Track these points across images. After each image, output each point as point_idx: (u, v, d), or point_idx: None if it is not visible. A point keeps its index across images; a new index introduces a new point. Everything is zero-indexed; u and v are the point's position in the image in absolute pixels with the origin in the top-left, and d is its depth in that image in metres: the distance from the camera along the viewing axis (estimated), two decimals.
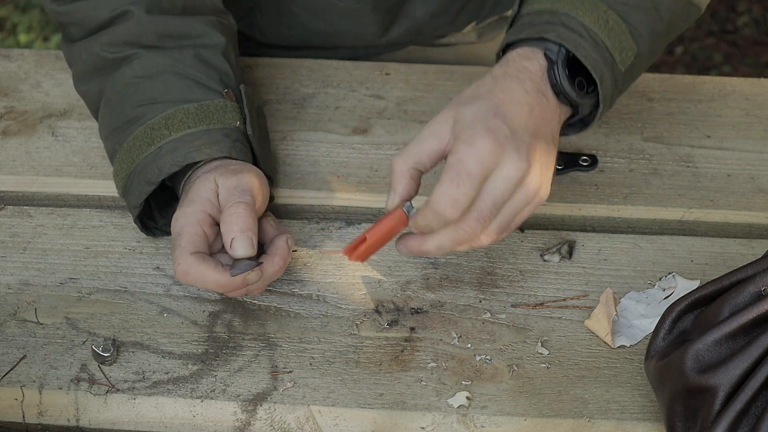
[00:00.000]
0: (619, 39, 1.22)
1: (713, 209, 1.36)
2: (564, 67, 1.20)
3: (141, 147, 1.27)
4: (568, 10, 1.22)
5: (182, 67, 1.30)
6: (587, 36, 1.21)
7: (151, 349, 1.19)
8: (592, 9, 1.22)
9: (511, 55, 1.22)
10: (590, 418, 1.12)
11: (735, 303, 1.03)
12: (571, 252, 1.30)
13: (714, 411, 1.00)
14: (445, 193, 1.11)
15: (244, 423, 1.14)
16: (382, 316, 1.23)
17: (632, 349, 1.19)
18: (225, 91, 1.31)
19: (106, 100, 1.32)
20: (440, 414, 1.13)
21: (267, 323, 1.22)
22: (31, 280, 1.27)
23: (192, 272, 1.17)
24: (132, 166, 1.27)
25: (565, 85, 1.20)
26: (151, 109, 1.28)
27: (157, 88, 1.29)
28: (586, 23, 1.21)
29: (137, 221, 1.29)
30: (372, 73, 1.56)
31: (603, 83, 1.21)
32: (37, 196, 1.39)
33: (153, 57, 1.31)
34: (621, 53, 1.23)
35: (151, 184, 1.25)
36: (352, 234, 1.33)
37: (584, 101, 1.22)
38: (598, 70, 1.21)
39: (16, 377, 1.16)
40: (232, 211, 1.18)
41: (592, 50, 1.21)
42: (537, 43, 1.21)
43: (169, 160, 1.24)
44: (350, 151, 1.44)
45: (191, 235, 1.18)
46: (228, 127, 1.28)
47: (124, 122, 1.29)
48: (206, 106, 1.28)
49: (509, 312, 1.23)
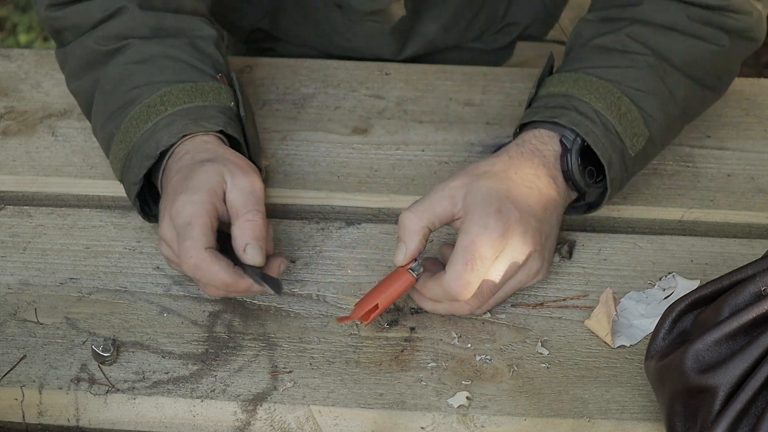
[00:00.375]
0: (631, 125, 1.25)
1: (713, 209, 1.36)
2: (577, 156, 1.23)
3: (138, 125, 1.27)
4: (582, 95, 1.25)
5: (176, 52, 1.32)
6: (599, 122, 1.24)
7: (151, 349, 1.19)
8: (606, 95, 1.25)
9: (527, 135, 1.25)
10: (590, 418, 1.12)
11: (735, 303, 1.03)
12: (571, 252, 1.30)
13: (714, 411, 1.00)
14: (460, 277, 1.15)
15: (244, 423, 1.14)
16: (381, 316, 1.23)
17: (632, 349, 1.19)
18: (218, 75, 1.32)
19: (101, 89, 1.32)
20: (440, 414, 1.13)
21: (267, 323, 1.22)
22: (31, 280, 1.27)
23: (204, 268, 1.16)
24: (130, 145, 1.27)
25: (575, 173, 1.23)
26: (146, 90, 1.29)
27: (152, 71, 1.30)
28: (599, 109, 1.24)
29: (136, 200, 1.28)
30: (372, 73, 1.56)
31: (611, 167, 1.24)
32: (37, 196, 1.39)
33: (147, 44, 1.32)
34: (632, 138, 1.25)
35: (150, 158, 1.25)
36: (351, 234, 1.33)
37: (592, 189, 1.26)
38: (607, 155, 1.24)
39: (16, 377, 1.16)
40: (249, 218, 1.19)
41: (603, 136, 1.23)
42: (554, 127, 1.25)
43: (166, 133, 1.25)
44: (350, 151, 1.44)
45: (203, 227, 1.17)
46: (223, 105, 1.29)
47: (120, 106, 1.29)
48: (201, 85, 1.30)
49: (509, 312, 1.23)
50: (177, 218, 1.18)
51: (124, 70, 1.31)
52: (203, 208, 1.18)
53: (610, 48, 1.28)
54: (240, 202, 1.20)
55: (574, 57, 1.31)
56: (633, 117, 1.25)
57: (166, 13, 1.34)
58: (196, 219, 1.17)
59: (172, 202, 1.19)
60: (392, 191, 1.38)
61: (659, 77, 1.27)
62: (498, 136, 1.46)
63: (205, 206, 1.18)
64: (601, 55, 1.28)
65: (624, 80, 1.26)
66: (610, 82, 1.25)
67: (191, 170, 1.22)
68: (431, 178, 1.40)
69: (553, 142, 1.24)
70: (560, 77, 1.28)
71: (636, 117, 1.25)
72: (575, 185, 1.25)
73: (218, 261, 1.17)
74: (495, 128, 1.47)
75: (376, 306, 1.17)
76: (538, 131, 1.25)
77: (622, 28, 1.29)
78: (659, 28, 1.28)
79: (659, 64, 1.27)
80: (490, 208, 1.16)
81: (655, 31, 1.28)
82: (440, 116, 1.49)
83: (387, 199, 1.37)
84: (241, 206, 1.19)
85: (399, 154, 1.43)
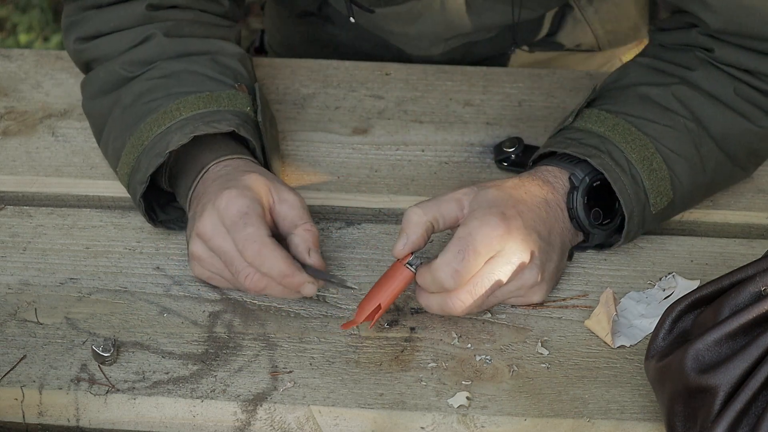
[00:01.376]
0: (658, 183, 1.25)
1: (713, 209, 1.36)
2: (583, 196, 1.24)
3: (151, 130, 1.28)
4: (618, 142, 1.25)
5: (197, 67, 1.33)
6: (628, 171, 1.24)
7: (151, 349, 1.19)
8: (641, 148, 1.25)
9: (540, 168, 1.27)
10: (590, 418, 1.12)
11: (735, 303, 1.03)
12: (571, 255, 1.29)
13: (714, 411, 1.00)
14: (449, 264, 1.15)
15: (244, 423, 1.14)
16: (382, 316, 1.22)
17: (632, 349, 1.19)
18: (237, 84, 1.33)
19: (120, 104, 1.33)
20: (440, 414, 1.13)
21: (267, 323, 1.22)
22: (31, 280, 1.27)
23: (266, 254, 1.17)
24: (140, 148, 1.28)
25: (579, 211, 1.24)
26: (164, 101, 1.30)
27: (171, 84, 1.32)
28: (632, 159, 1.25)
29: (141, 201, 1.28)
30: (372, 73, 1.56)
31: (631, 220, 1.25)
32: (37, 196, 1.39)
33: (171, 63, 1.34)
34: (657, 196, 1.26)
35: (159, 156, 1.25)
36: (351, 234, 1.33)
37: (596, 231, 1.26)
38: (629, 207, 1.24)
39: (16, 377, 1.16)
40: (308, 228, 1.21)
41: (630, 186, 1.24)
42: (566, 165, 1.25)
43: (177, 134, 1.26)
44: (350, 151, 1.44)
45: (261, 218, 1.19)
46: (237, 110, 1.30)
47: (137, 117, 1.31)
48: (217, 94, 1.31)
49: (509, 312, 1.23)
50: (229, 209, 1.18)
51: (146, 85, 1.32)
52: (257, 203, 1.20)
53: (654, 101, 1.28)
54: (295, 214, 1.22)
55: (617, 97, 1.30)
56: (662, 176, 1.25)
57: (193, 38, 1.36)
58: (253, 209, 1.18)
59: (217, 196, 1.19)
60: (392, 191, 1.38)
61: (694, 143, 1.27)
62: (498, 136, 1.46)
63: (260, 201, 1.20)
64: (644, 105, 1.28)
65: (661, 138, 1.26)
66: (647, 137, 1.26)
67: (232, 177, 1.23)
68: (431, 178, 1.40)
69: (563, 179, 1.25)
70: (600, 116, 1.28)
71: (665, 176, 1.26)
72: (579, 225, 1.25)
73: (280, 249, 1.18)
74: (495, 128, 1.47)
75: (379, 306, 1.17)
76: (551, 168, 1.26)
77: (670, 84, 1.29)
78: (706, 95, 1.28)
79: (697, 130, 1.27)
80: (495, 209, 1.17)
81: (701, 97, 1.28)
82: (440, 116, 1.49)
83: (387, 200, 1.37)
84: (297, 217, 1.22)
85: (399, 154, 1.44)
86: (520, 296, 1.21)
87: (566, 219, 1.24)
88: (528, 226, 1.18)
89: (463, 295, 1.16)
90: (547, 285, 1.21)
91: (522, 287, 1.19)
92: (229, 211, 1.18)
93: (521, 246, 1.17)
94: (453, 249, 1.15)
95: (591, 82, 1.49)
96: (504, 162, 1.41)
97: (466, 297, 1.17)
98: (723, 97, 1.28)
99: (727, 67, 1.28)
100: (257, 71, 1.55)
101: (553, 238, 1.21)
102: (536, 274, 1.19)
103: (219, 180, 1.23)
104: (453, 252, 1.15)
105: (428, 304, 1.19)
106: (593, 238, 1.27)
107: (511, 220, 1.17)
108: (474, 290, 1.16)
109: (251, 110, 1.32)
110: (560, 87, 1.53)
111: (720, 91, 1.28)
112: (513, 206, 1.18)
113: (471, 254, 1.15)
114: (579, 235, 1.27)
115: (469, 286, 1.16)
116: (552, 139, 1.29)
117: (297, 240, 1.21)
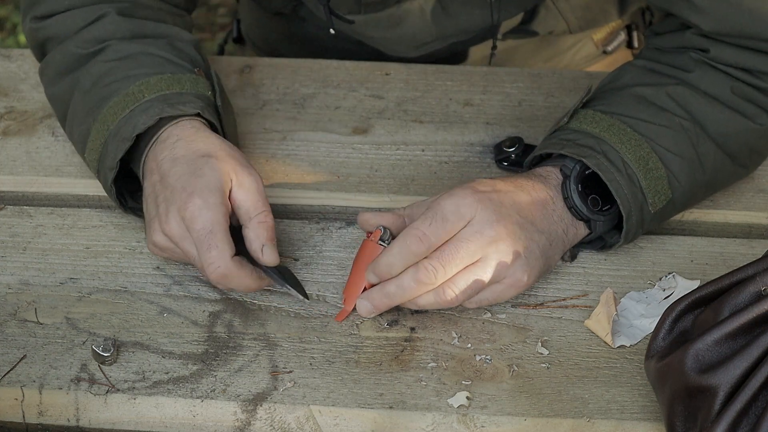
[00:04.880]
0: (655, 182, 1.25)
1: (713, 209, 1.36)
2: (576, 183, 1.24)
3: (116, 113, 1.29)
4: (613, 143, 1.25)
5: (155, 50, 1.34)
6: (624, 172, 1.24)
7: (151, 349, 1.19)
8: (636, 148, 1.25)
9: (533, 170, 1.28)
10: (590, 418, 1.12)
11: (735, 303, 1.03)
12: (574, 256, 1.29)
13: (714, 411, 1.00)
14: (415, 227, 1.17)
15: (244, 423, 1.14)
16: (382, 315, 1.23)
17: (632, 349, 1.19)
18: (196, 69, 1.34)
19: (80, 88, 1.33)
20: (440, 414, 1.13)
21: (267, 323, 1.22)
22: (31, 280, 1.27)
23: (232, 276, 1.19)
24: (106, 133, 1.28)
25: (575, 199, 1.24)
26: (124, 83, 1.30)
27: (131, 66, 1.32)
28: (627, 159, 1.25)
29: (112, 187, 1.28)
30: (372, 73, 1.56)
31: (629, 219, 1.25)
32: (37, 196, 1.39)
33: (126, 44, 1.34)
34: (654, 196, 1.26)
35: (126, 141, 1.26)
36: (352, 234, 1.33)
37: (597, 217, 1.26)
38: (627, 206, 1.24)
39: (16, 377, 1.16)
40: (262, 219, 1.21)
41: (626, 186, 1.24)
42: (556, 161, 1.26)
43: (143, 117, 1.26)
44: (350, 151, 1.44)
45: (225, 234, 1.19)
46: (200, 93, 1.31)
47: (98, 101, 1.31)
48: (179, 76, 1.32)
49: (509, 312, 1.23)
50: (195, 223, 1.19)
51: (103, 67, 1.33)
52: (221, 213, 1.20)
53: (650, 102, 1.28)
54: (250, 203, 1.21)
55: (612, 98, 1.30)
56: (659, 175, 1.25)
57: (147, 21, 1.37)
58: (217, 226, 1.19)
59: (185, 203, 1.19)
60: (392, 191, 1.38)
61: (691, 142, 1.27)
62: (498, 135, 1.46)
63: (222, 210, 1.20)
64: (639, 106, 1.28)
65: (656, 137, 1.26)
66: (642, 137, 1.26)
67: (194, 165, 1.22)
68: (431, 178, 1.40)
69: (555, 171, 1.26)
70: (595, 117, 1.28)
71: (662, 176, 1.26)
72: (578, 212, 1.24)
73: (244, 268, 1.20)
74: (495, 128, 1.47)
75: (364, 289, 1.20)
76: (544, 169, 1.27)
77: (665, 85, 1.29)
78: (702, 95, 1.28)
79: (694, 129, 1.27)
80: (467, 188, 1.19)
81: (697, 97, 1.28)
82: (440, 116, 1.49)
83: (387, 199, 1.37)
84: (251, 207, 1.21)
85: (399, 154, 1.44)
86: (500, 275, 1.18)
87: (557, 207, 1.24)
88: (502, 201, 1.19)
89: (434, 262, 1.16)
90: (527, 262, 1.19)
91: (500, 264, 1.18)
92: (194, 225, 1.19)
93: (491, 215, 1.17)
94: (422, 217, 1.17)
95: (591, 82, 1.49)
96: (504, 162, 1.41)
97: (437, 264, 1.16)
98: (720, 96, 1.28)
99: (724, 66, 1.28)
100: (257, 71, 1.56)
101: (537, 222, 1.21)
102: (510, 245, 1.18)
103: (178, 164, 1.23)
104: (419, 219, 1.17)
105: (401, 283, 1.18)
106: (597, 227, 1.26)
107: (483, 195, 1.18)
108: (443, 257, 1.16)
109: (212, 95, 1.33)
110: (560, 87, 1.53)
111: (717, 90, 1.28)
112: (493, 190, 1.20)
113: (439, 220, 1.16)
114: (581, 227, 1.26)
115: (438, 252, 1.16)
116: (547, 141, 1.29)
117: (251, 235, 1.21)
